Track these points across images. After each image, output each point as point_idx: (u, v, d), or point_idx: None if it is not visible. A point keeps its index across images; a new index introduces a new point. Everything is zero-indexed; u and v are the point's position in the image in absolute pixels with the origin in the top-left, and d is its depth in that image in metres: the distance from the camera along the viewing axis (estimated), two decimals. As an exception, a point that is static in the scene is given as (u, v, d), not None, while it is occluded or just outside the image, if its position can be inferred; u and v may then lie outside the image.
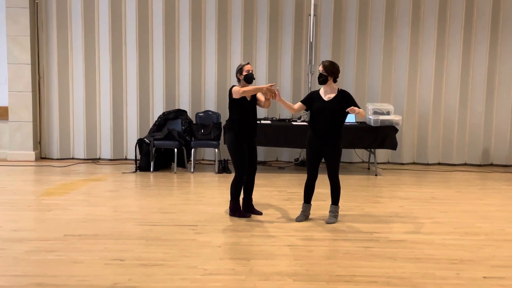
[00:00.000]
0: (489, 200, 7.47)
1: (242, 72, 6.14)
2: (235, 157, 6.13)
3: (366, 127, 9.05)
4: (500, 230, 5.99)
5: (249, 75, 6.13)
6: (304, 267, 4.70)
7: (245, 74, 6.12)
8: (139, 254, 4.95)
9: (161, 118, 9.52)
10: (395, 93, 10.15)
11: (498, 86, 10.17)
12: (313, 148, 6.06)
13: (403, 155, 10.27)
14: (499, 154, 10.31)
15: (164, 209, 6.59)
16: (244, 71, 6.13)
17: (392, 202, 7.21)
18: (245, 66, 6.14)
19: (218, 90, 10.06)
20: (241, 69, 6.15)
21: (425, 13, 10.02)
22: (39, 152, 10.12)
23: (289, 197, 7.34)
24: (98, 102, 10.04)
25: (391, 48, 10.06)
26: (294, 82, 10.10)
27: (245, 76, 6.12)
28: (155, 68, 10.02)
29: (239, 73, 6.16)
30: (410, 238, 5.57)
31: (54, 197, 7.14)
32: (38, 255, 4.88)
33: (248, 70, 6.13)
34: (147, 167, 9.06)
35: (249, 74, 6.13)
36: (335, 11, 9.98)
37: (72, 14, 9.85)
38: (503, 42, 10.07)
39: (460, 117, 10.22)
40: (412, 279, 4.46)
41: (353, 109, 5.79)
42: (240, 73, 6.15)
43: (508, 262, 4.93)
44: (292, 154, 10.17)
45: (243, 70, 6.13)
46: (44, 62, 9.95)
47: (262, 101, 6.21)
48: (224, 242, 5.38)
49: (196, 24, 9.95)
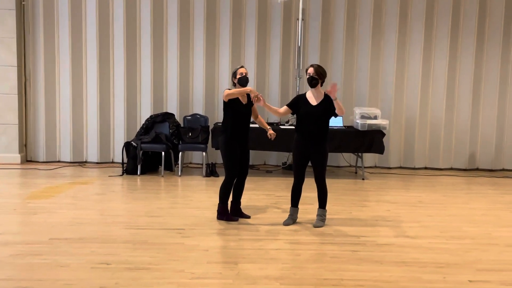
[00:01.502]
0: (475, 204, 7.53)
1: (236, 75, 6.16)
2: (227, 160, 6.13)
3: (353, 131, 9.08)
4: (486, 234, 6.03)
5: (243, 78, 6.15)
6: (292, 270, 4.70)
7: (239, 77, 6.14)
8: (125, 258, 4.92)
9: (148, 121, 9.48)
10: (382, 98, 10.21)
11: (484, 91, 10.26)
12: (300, 152, 6.07)
13: (390, 159, 10.32)
14: (485, 159, 10.40)
15: (151, 213, 6.56)
16: (237, 74, 6.15)
17: (379, 206, 7.24)
18: (238, 70, 6.17)
19: (206, 93, 10.06)
20: (235, 72, 6.19)
21: (412, 18, 10.09)
22: (25, 155, 10.03)
23: (277, 201, 7.34)
24: (85, 105, 9.99)
25: (378, 53, 10.13)
26: (282, 86, 10.12)
27: (238, 80, 6.14)
28: (143, 71, 9.99)
29: (234, 76, 6.18)
30: (397, 242, 5.60)
31: (40, 201, 7.08)
32: (24, 259, 4.83)
33: (242, 73, 6.15)
34: (134, 171, 9.02)
35: (242, 77, 6.15)
36: (323, 16, 10.02)
37: (59, 16, 9.79)
38: (489, 47, 10.17)
39: (447, 122, 10.30)
40: (399, 283, 4.47)
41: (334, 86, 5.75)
42: (234, 77, 6.17)
43: (493, 266, 4.96)
44: (279, 157, 10.18)
45: (236, 73, 6.17)
46: (30, 64, 9.88)
47: (255, 115, 6.44)
48: (212, 246, 5.36)
49: (184, 27, 9.94)
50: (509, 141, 10.38)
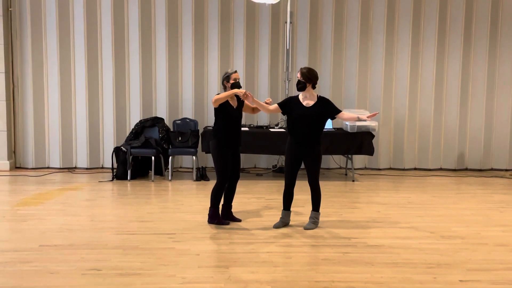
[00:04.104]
0: (464, 204, 7.58)
1: (229, 79, 6.13)
2: (218, 164, 6.12)
3: (343, 133, 9.11)
4: (476, 233, 6.07)
5: (236, 84, 6.13)
6: (283, 273, 4.70)
7: (232, 82, 6.12)
8: (116, 263, 4.90)
9: (138, 126, 9.46)
10: (371, 99, 10.25)
11: (471, 91, 10.34)
12: (293, 155, 6.06)
13: (380, 161, 10.37)
14: (474, 159, 10.48)
15: (142, 218, 6.54)
16: (231, 79, 6.13)
17: (370, 208, 7.26)
18: (232, 74, 6.14)
19: (195, 97, 10.05)
20: (228, 76, 6.14)
21: (399, 20, 10.16)
22: (14, 161, 9.97)
23: (267, 204, 7.35)
24: (73, 111, 9.94)
25: (366, 55, 10.17)
26: (271, 89, 10.13)
27: (232, 84, 6.12)
28: (132, 75, 9.97)
29: (226, 80, 6.15)
30: (388, 243, 5.62)
31: (29, 207, 7.04)
32: (14, 266, 4.80)
33: (235, 78, 6.15)
34: (124, 176, 8.99)
35: (236, 83, 6.13)
36: (311, 19, 10.05)
37: (46, 22, 9.75)
38: (477, 48, 10.25)
39: (435, 122, 10.36)
40: (389, 284, 4.49)
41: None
42: (227, 81, 6.14)
43: (484, 265, 5.00)
44: (270, 160, 10.19)
45: (230, 78, 6.13)
46: (18, 71, 9.82)
47: (250, 108, 6.32)
48: (203, 250, 5.35)
49: (173, 31, 9.93)
50: (497, 140, 10.46)
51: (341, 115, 6.10)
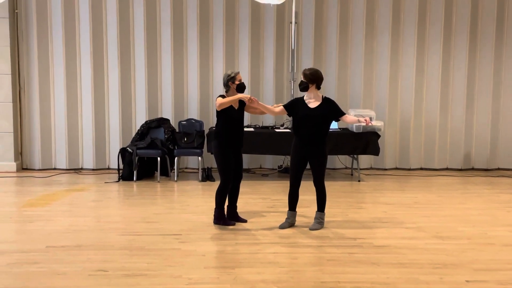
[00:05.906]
0: (471, 204, 7.55)
1: (234, 80, 6.12)
2: (221, 165, 6.13)
3: (348, 134, 9.10)
4: (482, 233, 6.05)
5: (242, 85, 6.15)
6: (289, 274, 4.70)
7: (237, 83, 6.13)
8: (122, 264, 4.91)
9: (143, 127, 9.48)
10: (377, 99, 10.23)
11: (477, 91, 10.30)
12: (298, 155, 6.06)
13: (386, 161, 10.34)
14: (480, 159, 10.44)
15: (148, 219, 6.55)
16: (236, 80, 6.12)
17: (375, 208, 7.25)
18: (237, 75, 6.15)
19: (200, 98, 10.06)
20: (233, 77, 6.12)
21: (405, 20, 10.13)
22: (21, 163, 10.01)
23: (273, 204, 7.35)
24: (79, 112, 9.97)
25: (372, 55, 10.15)
26: (276, 89, 10.13)
27: (237, 86, 6.12)
28: (137, 76, 9.99)
29: (231, 81, 6.13)
30: (394, 243, 5.61)
31: (36, 208, 7.07)
32: (20, 268, 4.82)
33: (240, 79, 6.16)
34: (130, 177, 9.01)
35: (241, 84, 6.14)
36: (316, 19, 10.05)
37: (52, 23, 9.78)
38: (482, 48, 10.21)
39: (441, 122, 10.33)
40: (396, 284, 4.48)
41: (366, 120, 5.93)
42: (233, 82, 6.13)
43: (490, 266, 4.98)
44: (275, 161, 10.18)
45: (235, 79, 6.12)
46: (24, 72, 9.86)
47: (254, 108, 6.28)
48: (209, 251, 5.36)
49: (178, 32, 9.94)
50: (503, 140, 10.42)
51: (344, 118, 6.10)
